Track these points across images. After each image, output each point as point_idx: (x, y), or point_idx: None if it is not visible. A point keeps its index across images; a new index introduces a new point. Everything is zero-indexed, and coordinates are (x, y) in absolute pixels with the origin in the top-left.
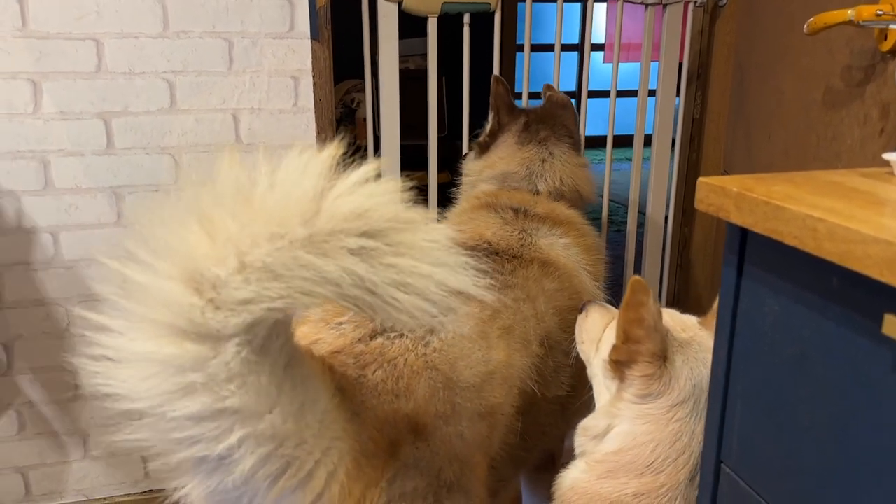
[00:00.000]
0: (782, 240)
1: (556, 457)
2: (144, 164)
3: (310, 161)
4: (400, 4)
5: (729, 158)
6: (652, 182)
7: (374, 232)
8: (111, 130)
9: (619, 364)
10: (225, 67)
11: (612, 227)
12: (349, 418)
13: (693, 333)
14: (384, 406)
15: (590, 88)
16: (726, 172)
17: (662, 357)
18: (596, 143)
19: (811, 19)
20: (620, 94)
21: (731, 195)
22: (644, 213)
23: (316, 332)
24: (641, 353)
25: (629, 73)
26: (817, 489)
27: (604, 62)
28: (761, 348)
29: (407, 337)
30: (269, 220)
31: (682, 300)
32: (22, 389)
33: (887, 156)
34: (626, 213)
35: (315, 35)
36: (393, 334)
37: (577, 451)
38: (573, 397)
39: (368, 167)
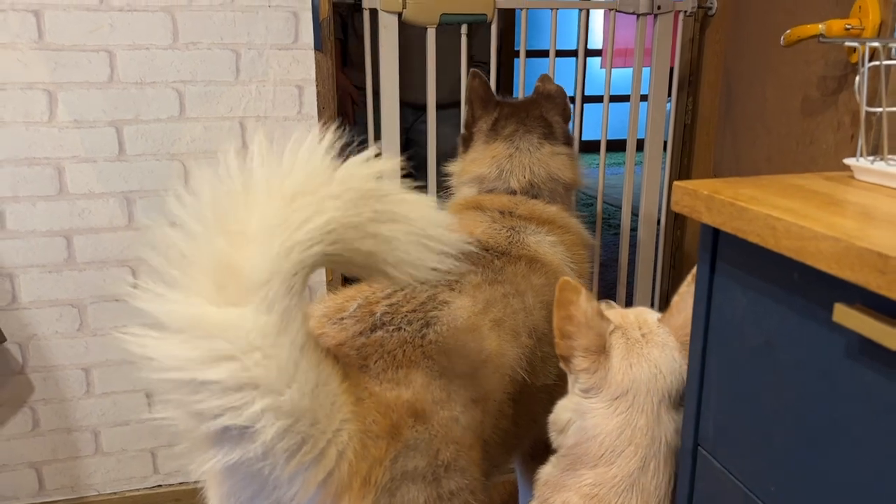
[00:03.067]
0: (746, 237)
1: (548, 445)
2: (155, 170)
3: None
4: (400, 15)
5: (718, 163)
6: (644, 186)
7: (383, 191)
8: (123, 138)
9: (564, 359)
10: (232, 77)
11: (610, 230)
12: (355, 402)
13: (646, 331)
14: (386, 393)
15: (588, 94)
16: (716, 177)
17: (598, 351)
18: (594, 147)
19: (787, 32)
20: (616, 99)
21: (701, 197)
22: (637, 216)
23: (319, 328)
24: (575, 348)
25: (625, 78)
26: (783, 468)
27: (600, 67)
28: (732, 339)
29: (405, 330)
30: (300, 184)
31: None
32: (36, 387)
33: (848, 161)
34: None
35: (318, 46)
36: (391, 328)
37: (553, 446)
38: (560, 386)
39: (369, 151)
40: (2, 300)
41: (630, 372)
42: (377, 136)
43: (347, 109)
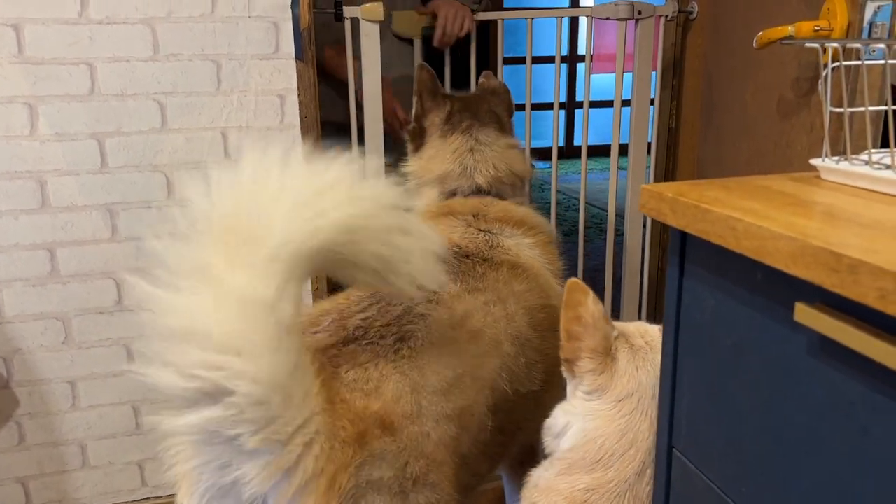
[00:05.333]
0: (709, 239)
1: (535, 449)
2: (137, 182)
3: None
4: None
5: (702, 167)
6: (629, 190)
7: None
8: (105, 150)
9: (569, 362)
10: (213, 88)
11: (601, 234)
12: (327, 400)
13: (650, 339)
14: (355, 401)
15: (580, 99)
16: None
17: (604, 353)
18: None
19: (759, 34)
20: (603, 104)
21: (667, 200)
22: (623, 219)
23: None
24: (583, 349)
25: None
26: (755, 469)
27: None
28: (702, 341)
29: (378, 344)
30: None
31: (663, 304)
32: (21, 401)
33: (814, 161)
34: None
35: (299, 55)
36: (364, 342)
37: (545, 451)
38: (546, 391)
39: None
40: None
41: (636, 375)
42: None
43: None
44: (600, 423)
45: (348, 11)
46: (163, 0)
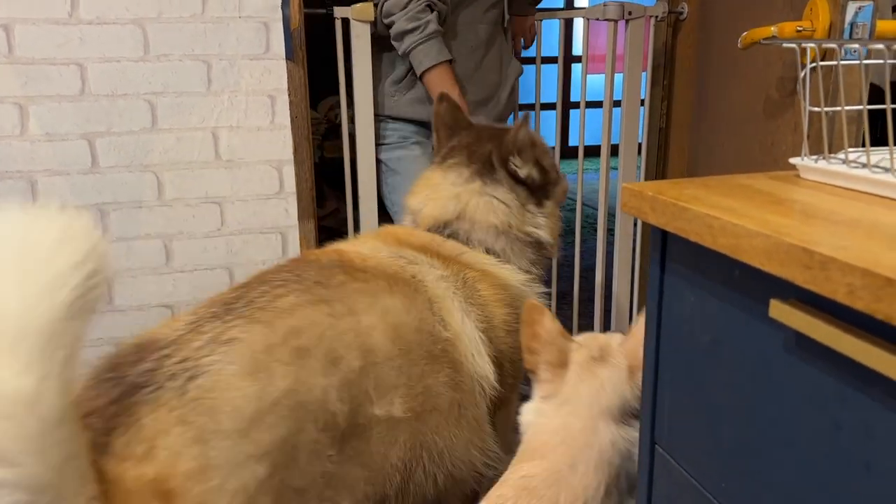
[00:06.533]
0: (687, 236)
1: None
2: (128, 182)
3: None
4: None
5: (692, 166)
6: (620, 190)
7: None
8: (95, 150)
9: (530, 372)
10: (204, 88)
11: (593, 235)
12: (100, 481)
13: (605, 353)
14: (127, 473)
15: (575, 100)
16: None
17: (559, 365)
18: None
19: (743, 34)
20: (592, 104)
21: (646, 198)
22: (614, 218)
23: (82, 391)
24: (540, 362)
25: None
26: (734, 463)
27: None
28: (683, 337)
29: (164, 388)
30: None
31: None
32: None
33: (793, 160)
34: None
35: (290, 56)
36: (151, 388)
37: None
38: (416, 421)
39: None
40: None
41: (578, 385)
42: (353, 165)
43: None
44: (545, 421)
45: (339, 12)
46: (153, 0)
